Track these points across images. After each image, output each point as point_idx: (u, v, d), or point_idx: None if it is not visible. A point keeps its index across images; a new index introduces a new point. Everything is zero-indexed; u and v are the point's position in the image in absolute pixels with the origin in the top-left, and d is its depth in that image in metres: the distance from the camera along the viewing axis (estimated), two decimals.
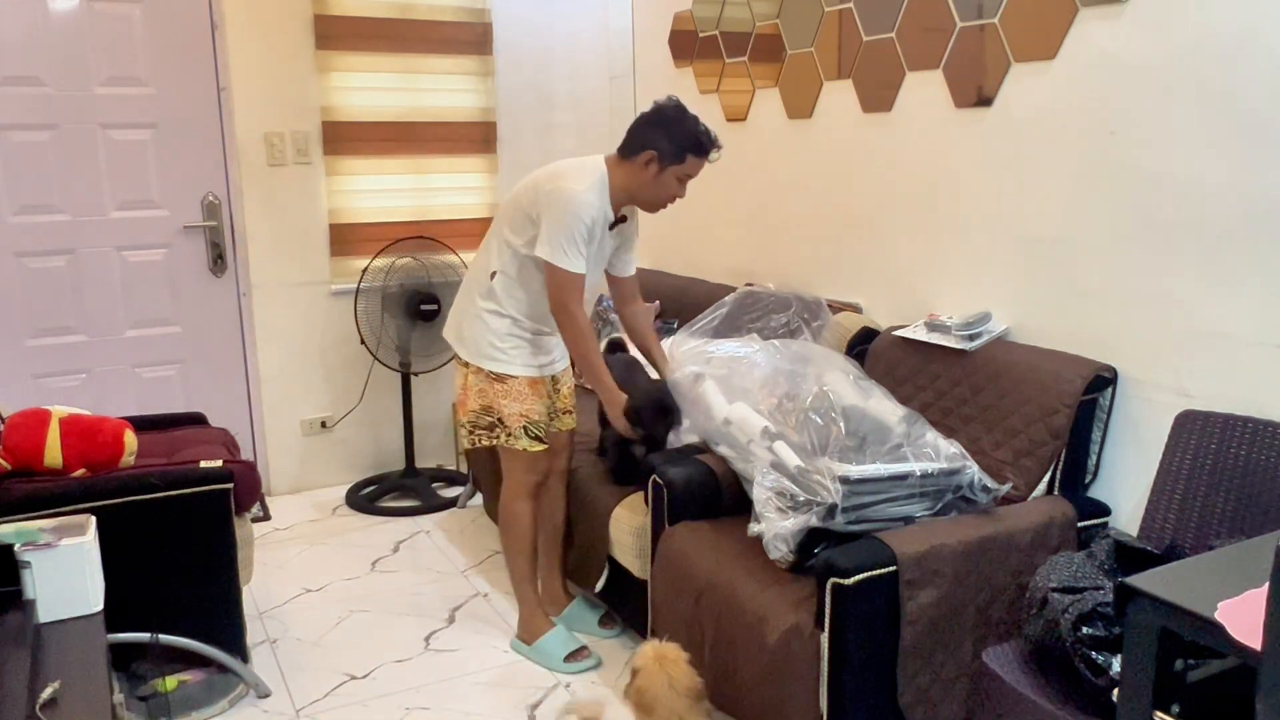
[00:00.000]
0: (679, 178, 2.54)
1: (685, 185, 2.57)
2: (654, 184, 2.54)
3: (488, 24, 4.07)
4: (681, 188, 2.56)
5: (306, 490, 4.06)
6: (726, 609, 2.16)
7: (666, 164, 2.51)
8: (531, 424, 2.65)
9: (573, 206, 2.46)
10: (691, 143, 2.50)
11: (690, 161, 2.52)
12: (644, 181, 2.54)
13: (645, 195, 2.57)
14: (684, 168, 2.52)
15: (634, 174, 2.53)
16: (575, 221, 2.46)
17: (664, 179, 2.52)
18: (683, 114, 2.53)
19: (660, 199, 2.58)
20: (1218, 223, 2.04)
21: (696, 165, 2.54)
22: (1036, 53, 2.37)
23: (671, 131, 2.50)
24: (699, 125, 2.52)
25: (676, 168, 2.51)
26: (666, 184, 2.54)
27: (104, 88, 3.52)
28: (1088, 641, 1.71)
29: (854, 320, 2.89)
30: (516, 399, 2.63)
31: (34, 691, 1.54)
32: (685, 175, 2.54)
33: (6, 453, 2.29)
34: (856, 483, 2.07)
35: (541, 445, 2.68)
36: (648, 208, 2.61)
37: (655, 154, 2.50)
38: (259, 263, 3.83)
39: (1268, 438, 1.92)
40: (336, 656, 2.76)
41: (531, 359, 2.65)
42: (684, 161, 2.51)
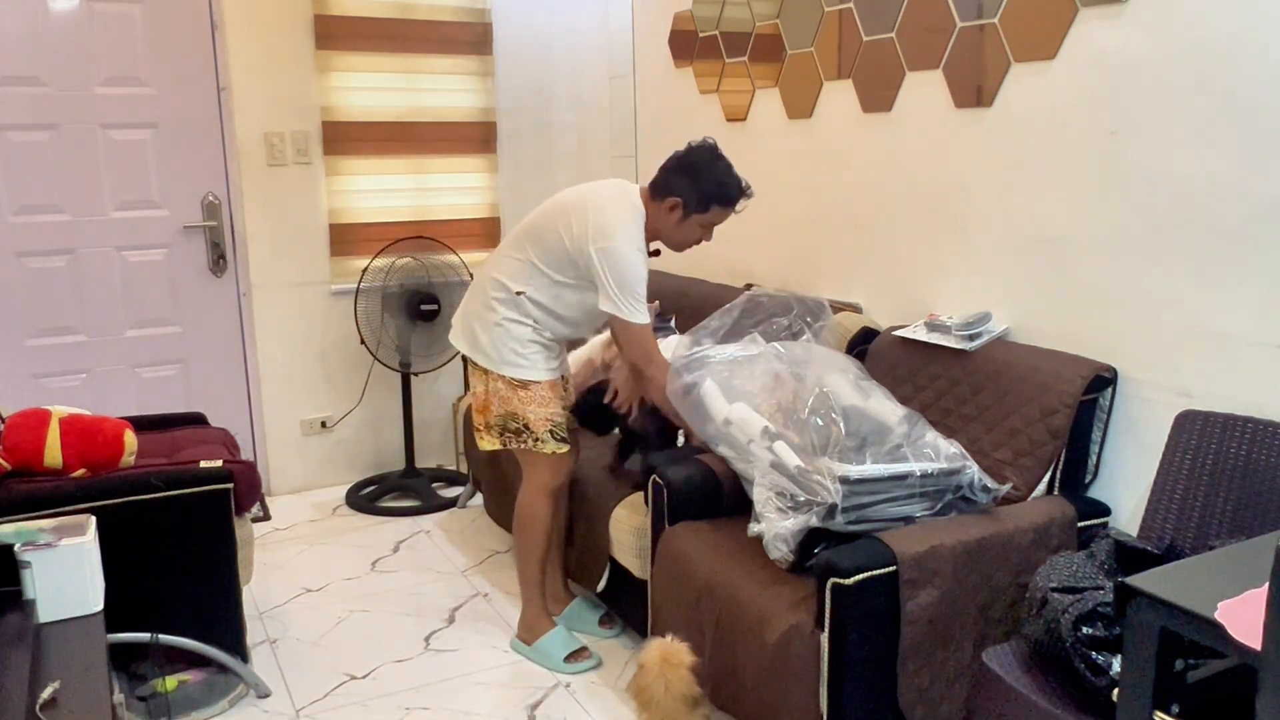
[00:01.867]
0: (703, 225, 2.55)
1: (711, 231, 2.58)
2: (678, 229, 2.56)
3: (488, 24, 4.07)
4: (707, 233, 2.58)
5: (306, 490, 4.06)
6: (726, 609, 2.16)
7: (690, 212, 2.52)
8: (556, 426, 2.65)
9: (635, 270, 2.48)
10: (717, 194, 2.51)
11: (715, 211, 2.53)
12: (669, 225, 2.56)
13: (670, 238, 2.59)
14: (709, 217, 2.54)
15: (661, 215, 2.54)
16: (638, 282, 2.48)
17: (688, 225, 2.54)
18: (713, 161, 2.53)
19: (684, 243, 2.60)
20: (1218, 222, 2.04)
21: (722, 215, 2.55)
22: (1036, 53, 2.37)
23: (699, 180, 2.50)
24: (728, 174, 2.52)
25: (702, 216, 2.53)
26: (690, 230, 2.56)
27: (104, 88, 3.52)
28: (1088, 641, 1.71)
29: (854, 320, 2.89)
30: (540, 404, 2.63)
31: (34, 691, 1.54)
32: (710, 223, 2.56)
33: (6, 453, 2.29)
34: (856, 483, 2.07)
35: (566, 446, 2.68)
36: (673, 248, 2.64)
37: (680, 201, 2.51)
38: (259, 263, 3.83)
39: (1268, 437, 1.92)
40: (336, 656, 2.76)
41: (550, 363, 2.66)
42: (708, 211, 2.52)
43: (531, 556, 2.76)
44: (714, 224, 2.57)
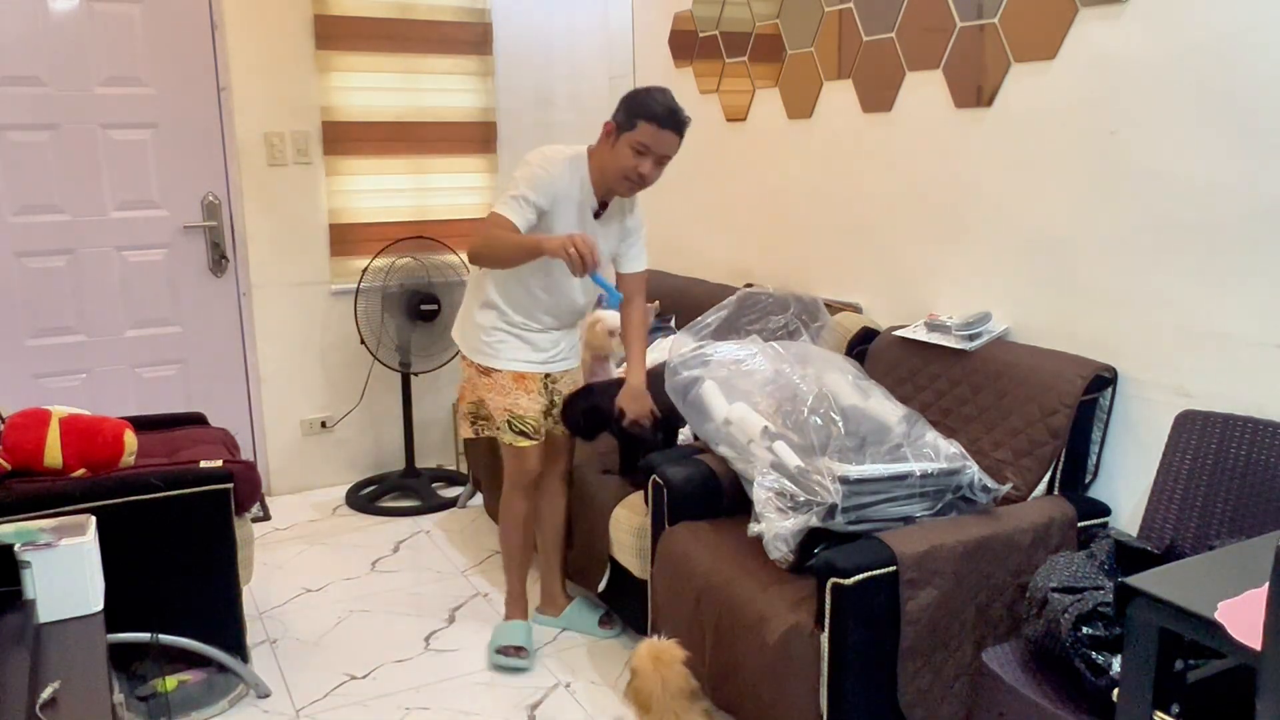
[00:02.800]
0: (634, 147, 2.45)
1: (647, 161, 2.47)
2: (613, 156, 2.49)
3: (488, 24, 4.07)
4: (642, 161, 2.46)
5: (306, 490, 4.06)
6: (726, 609, 2.16)
7: (621, 133, 2.47)
8: (516, 419, 2.65)
9: (534, 158, 2.50)
10: (644, 111, 2.44)
11: (642, 128, 2.44)
12: (606, 155, 2.51)
13: (608, 171, 2.51)
14: (636, 134, 2.44)
15: (601, 152, 2.52)
16: (523, 180, 2.47)
17: (619, 149, 2.47)
18: (648, 89, 2.49)
19: (619, 170, 2.49)
20: (1218, 222, 2.04)
21: (651, 134, 2.44)
22: (1036, 53, 2.37)
23: (630, 101, 2.48)
24: (661, 98, 2.46)
25: (629, 135, 2.45)
26: (622, 154, 2.47)
27: (104, 88, 3.52)
28: (1088, 641, 1.71)
29: (854, 320, 2.89)
30: (500, 393, 2.65)
31: (34, 691, 1.54)
32: (640, 144, 2.45)
33: (6, 453, 2.29)
34: (856, 483, 2.07)
35: (528, 441, 2.67)
36: (614, 186, 2.53)
37: (613, 124, 2.49)
38: (259, 263, 3.83)
39: (1268, 438, 1.92)
40: (336, 656, 2.76)
41: (518, 353, 2.65)
42: (635, 128, 2.44)
43: (507, 546, 2.82)
44: (645, 145, 2.45)
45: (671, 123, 2.45)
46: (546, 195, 2.49)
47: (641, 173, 2.48)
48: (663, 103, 2.45)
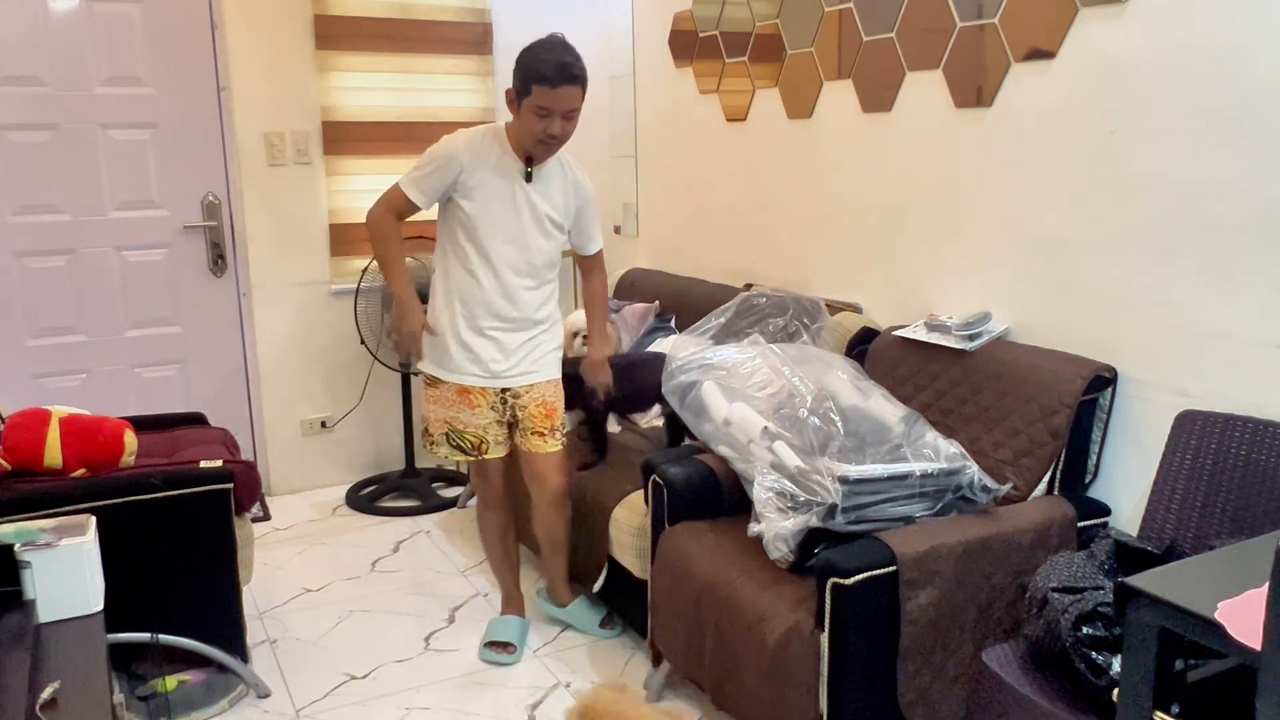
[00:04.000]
0: (535, 111, 2.39)
1: (554, 119, 2.40)
2: (520, 123, 2.45)
3: (488, 24, 4.07)
4: (548, 122, 2.40)
5: (306, 490, 4.06)
6: (726, 609, 2.16)
7: (520, 99, 2.42)
8: (454, 433, 2.60)
9: (431, 149, 2.51)
10: (533, 74, 2.36)
11: (537, 92, 2.36)
12: (516, 123, 2.47)
13: (523, 137, 2.47)
14: (533, 99, 2.37)
15: (513, 119, 2.48)
16: (428, 153, 2.50)
17: (524, 115, 2.42)
18: (536, 45, 2.41)
19: (530, 136, 2.43)
20: (1218, 222, 2.04)
21: (548, 96, 2.36)
22: (1037, 53, 2.37)
23: (520, 65, 2.41)
24: (546, 53, 2.37)
25: (528, 100, 2.39)
26: (527, 120, 2.42)
27: (104, 88, 3.52)
28: (1087, 641, 1.71)
29: (854, 320, 2.89)
30: (441, 404, 2.60)
31: (34, 691, 1.54)
32: (539, 108, 2.38)
33: (6, 453, 2.29)
34: (856, 483, 2.07)
35: (464, 456, 2.63)
36: (532, 150, 2.48)
37: (512, 91, 2.44)
38: (259, 263, 3.83)
39: (1268, 438, 1.92)
40: (336, 656, 2.76)
41: (464, 364, 2.57)
42: (531, 93, 2.38)
43: (489, 557, 2.86)
44: (547, 108, 2.38)
45: (564, 77, 2.36)
46: (448, 170, 2.47)
47: (551, 133, 2.42)
48: (550, 60, 2.35)
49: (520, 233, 2.53)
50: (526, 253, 2.55)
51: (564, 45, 2.41)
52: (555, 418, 2.66)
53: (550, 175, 2.57)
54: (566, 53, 2.39)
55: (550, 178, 2.57)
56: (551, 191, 2.57)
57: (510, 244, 2.52)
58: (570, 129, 2.47)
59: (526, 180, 2.52)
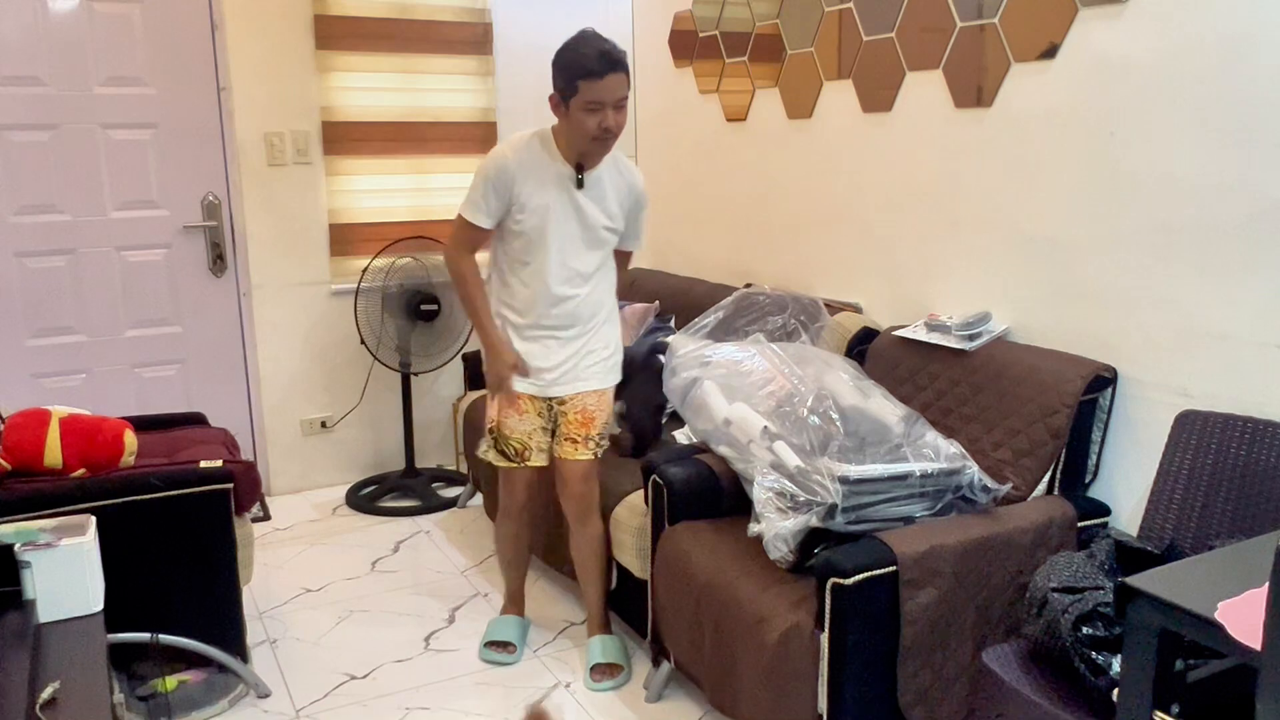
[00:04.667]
0: (585, 109, 2.35)
1: (606, 111, 2.35)
2: (571, 125, 2.39)
3: (488, 24, 4.07)
4: (599, 116, 2.35)
5: (306, 490, 4.06)
6: (726, 609, 2.16)
7: (567, 100, 2.37)
8: (501, 438, 2.60)
9: (480, 168, 2.47)
10: (577, 69, 2.32)
11: (585, 88, 2.32)
12: (565, 126, 2.42)
13: (575, 139, 2.42)
14: (582, 96, 2.33)
15: (561, 123, 2.43)
16: (479, 172, 2.47)
17: (574, 116, 2.37)
18: (572, 42, 2.37)
19: (584, 135, 2.39)
20: (1217, 223, 2.04)
21: (596, 89, 2.32)
22: (1037, 53, 2.37)
23: (561, 65, 2.36)
24: (584, 46, 2.34)
25: (576, 99, 2.34)
26: (577, 120, 2.37)
27: (104, 88, 3.52)
28: (1088, 641, 1.71)
29: (854, 320, 2.89)
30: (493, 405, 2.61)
31: (34, 691, 1.54)
32: (590, 104, 2.34)
33: (6, 453, 2.29)
34: (856, 483, 2.07)
35: (506, 463, 2.61)
36: (588, 150, 2.43)
37: (556, 95, 2.39)
38: (259, 263, 3.83)
39: (1268, 438, 1.92)
40: (336, 656, 2.76)
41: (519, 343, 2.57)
42: (578, 90, 2.33)
43: (499, 555, 2.83)
44: (598, 102, 2.34)
45: (609, 66, 2.32)
46: (505, 184, 2.44)
47: (606, 127, 2.37)
48: (591, 52, 2.32)
49: (570, 242, 2.49)
50: (578, 261, 2.51)
51: (599, 36, 2.37)
52: (591, 427, 2.58)
53: (602, 179, 2.50)
54: (604, 42, 2.35)
55: (602, 182, 2.51)
56: (605, 196, 2.52)
57: (560, 254, 2.49)
58: (623, 120, 2.40)
59: (578, 187, 2.47)
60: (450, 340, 3.91)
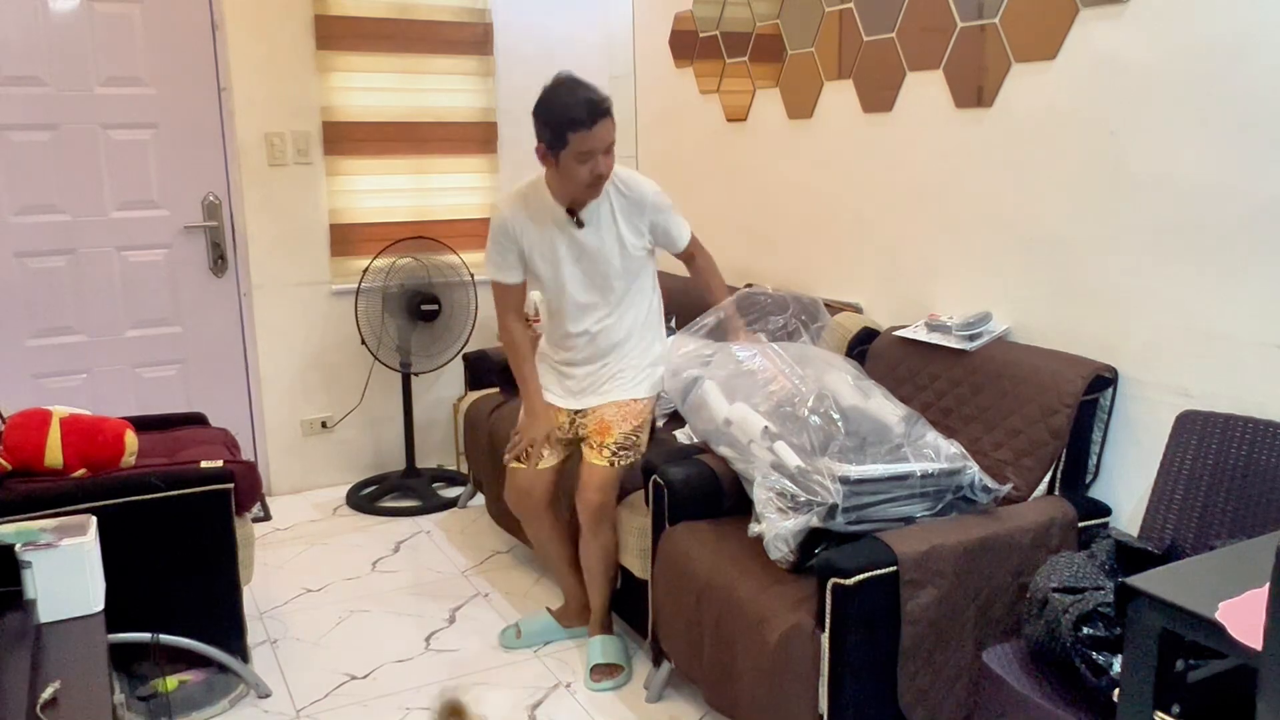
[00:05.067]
0: (576, 159, 2.33)
1: (597, 158, 2.34)
2: (562, 175, 2.39)
3: (488, 24, 4.07)
4: (591, 163, 2.34)
5: (307, 490, 4.06)
6: (727, 609, 2.16)
7: (557, 151, 2.35)
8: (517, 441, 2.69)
9: (491, 222, 2.59)
10: (564, 122, 2.29)
11: (575, 139, 2.30)
12: (556, 176, 2.42)
13: (567, 189, 2.42)
14: (572, 147, 2.31)
15: (550, 173, 2.44)
16: (489, 234, 2.58)
17: (565, 166, 2.36)
18: (552, 92, 2.33)
19: (577, 185, 2.39)
20: (1218, 223, 2.04)
21: (585, 139, 2.30)
22: (1037, 53, 2.37)
23: (546, 117, 2.34)
24: (569, 95, 2.30)
25: (566, 151, 2.33)
26: (569, 171, 2.36)
27: (104, 88, 3.52)
28: (1088, 642, 1.71)
29: (854, 320, 2.89)
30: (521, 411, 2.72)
31: (34, 691, 1.54)
32: (581, 153, 2.32)
33: (7, 453, 2.29)
34: (857, 483, 2.07)
35: (517, 464, 2.68)
36: (581, 197, 2.44)
37: (544, 147, 2.37)
38: (259, 263, 3.83)
39: (1268, 438, 1.92)
40: (337, 656, 2.76)
41: (549, 383, 2.73)
42: (568, 143, 2.31)
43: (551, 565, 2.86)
44: (590, 150, 2.32)
45: (597, 114, 2.31)
46: (511, 240, 2.54)
47: (598, 174, 2.38)
48: (576, 102, 2.30)
49: (583, 281, 2.58)
50: (594, 296, 2.61)
51: (579, 82, 2.35)
52: (608, 435, 2.59)
53: (602, 211, 2.52)
54: (586, 89, 2.33)
55: (602, 213, 2.52)
56: (614, 224, 2.54)
57: (574, 294, 2.59)
58: (612, 162, 2.43)
59: (579, 227, 2.50)
60: (451, 340, 3.91)
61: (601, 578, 2.69)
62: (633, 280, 2.62)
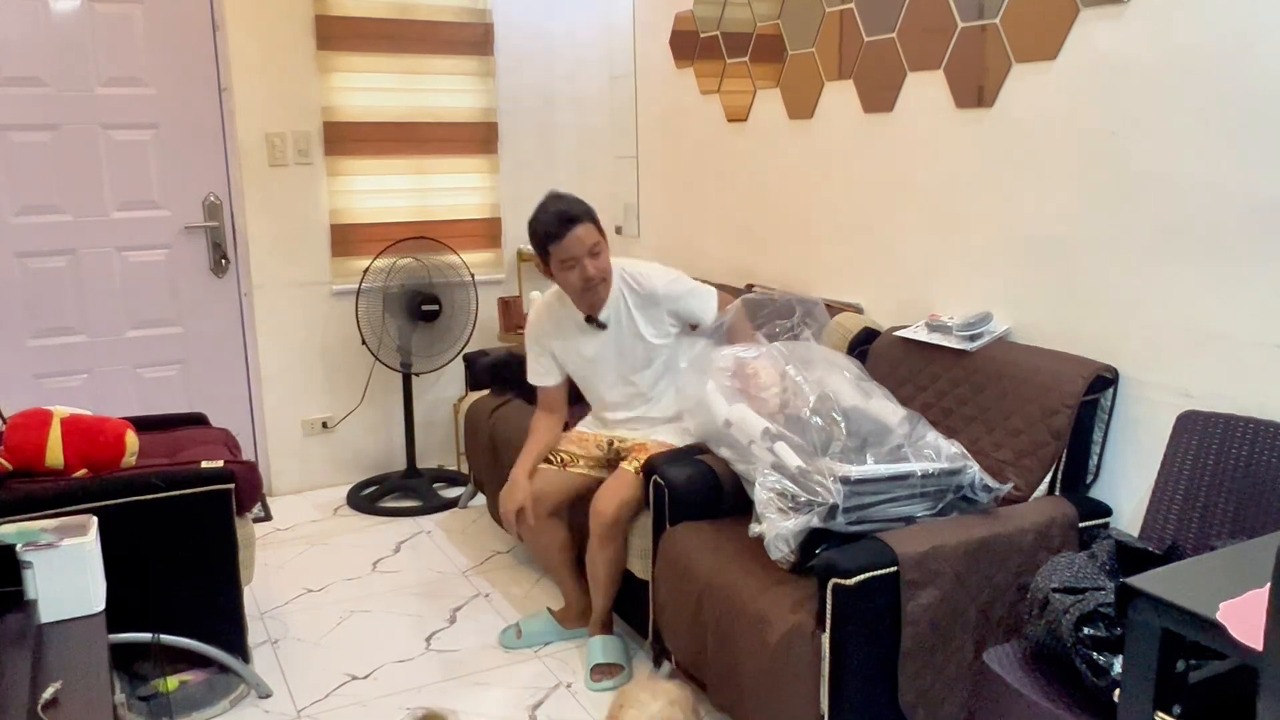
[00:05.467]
0: (563, 268, 2.55)
1: (583, 263, 2.53)
2: (561, 284, 2.62)
3: (489, 24, 4.07)
4: (579, 269, 2.53)
5: (308, 490, 4.06)
6: (727, 609, 2.16)
7: (547, 263, 2.58)
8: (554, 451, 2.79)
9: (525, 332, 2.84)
10: (542, 237, 2.53)
11: (554, 250, 2.52)
12: (559, 286, 2.65)
13: (571, 294, 2.63)
14: (555, 257, 2.54)
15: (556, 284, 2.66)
16: (526, 341, 2.83)
17: (559, 276, 2.58)
18: (536, 211, 2.56)
19: (574, 290, 2.59)
20: (1219, 223, 2.04)
21: (563, 248, 2.51)
22: (1038, 53, 2.37)
23: (530, 236, 2.57)
24: (542, 214, 2.53)
25: (553, 261, 2.55)
26: (562, 279, 2.59)
27: (105, 88, 3.52)
28: (1089, 642, 1.71)
29: (855, 321, 2.89)
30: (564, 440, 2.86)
31: (35, 692, 1.54)
32: (564, 262, 2.53)
33: (8, 453, 2.29)
34: (857, 483, 2.07)
35: (546, 464, 2.77)
36: (583, 300, 2.62)
37: (538, 260, 2.62)
38: (260, 263, 3.83)
39: (1269, 438, 1.92)
40: (338, 657, 2.76)
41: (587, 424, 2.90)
42: (550, 254, 2.54)
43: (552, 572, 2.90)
44: (572, 257, 2.52)
45: (566, 221, 2.49)
46: (543, 347, 2.77)
47: (587, 277, 2.54)
48: (547, 216, 2.51)
49: (615, 374, 2.74)
50: (633, 385, 2.76)
51: (557, 196, 2.57)
52: (645, 451, 2.65)
53: (617, 309, 2.67)
54: (560, 202, 2.53)
55: (621, 312, 2.68)
56: (633, 321, 2.69)
57: (611, 389, 2.76)
58: (604, 264, 2.57)
59: (601, 328, 2.67)
60: (451, 341, 3.91)
61: (607, 584, 2.68)
62: (664, 369, 2.75)
